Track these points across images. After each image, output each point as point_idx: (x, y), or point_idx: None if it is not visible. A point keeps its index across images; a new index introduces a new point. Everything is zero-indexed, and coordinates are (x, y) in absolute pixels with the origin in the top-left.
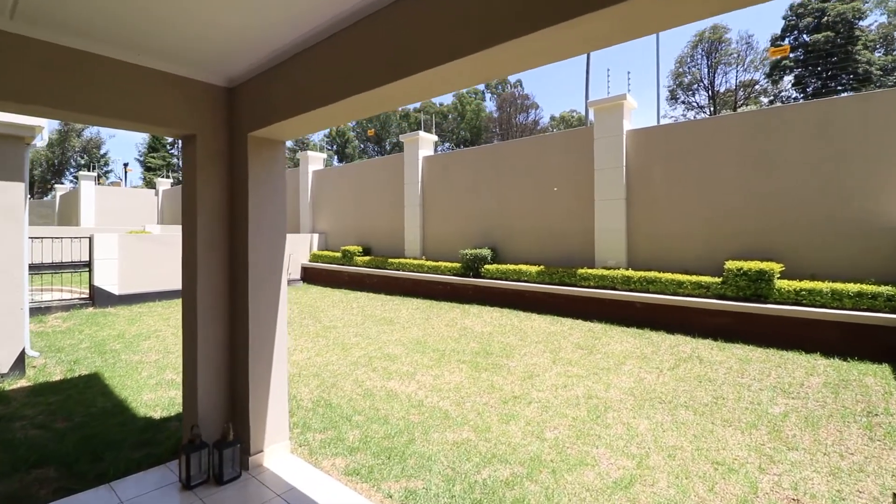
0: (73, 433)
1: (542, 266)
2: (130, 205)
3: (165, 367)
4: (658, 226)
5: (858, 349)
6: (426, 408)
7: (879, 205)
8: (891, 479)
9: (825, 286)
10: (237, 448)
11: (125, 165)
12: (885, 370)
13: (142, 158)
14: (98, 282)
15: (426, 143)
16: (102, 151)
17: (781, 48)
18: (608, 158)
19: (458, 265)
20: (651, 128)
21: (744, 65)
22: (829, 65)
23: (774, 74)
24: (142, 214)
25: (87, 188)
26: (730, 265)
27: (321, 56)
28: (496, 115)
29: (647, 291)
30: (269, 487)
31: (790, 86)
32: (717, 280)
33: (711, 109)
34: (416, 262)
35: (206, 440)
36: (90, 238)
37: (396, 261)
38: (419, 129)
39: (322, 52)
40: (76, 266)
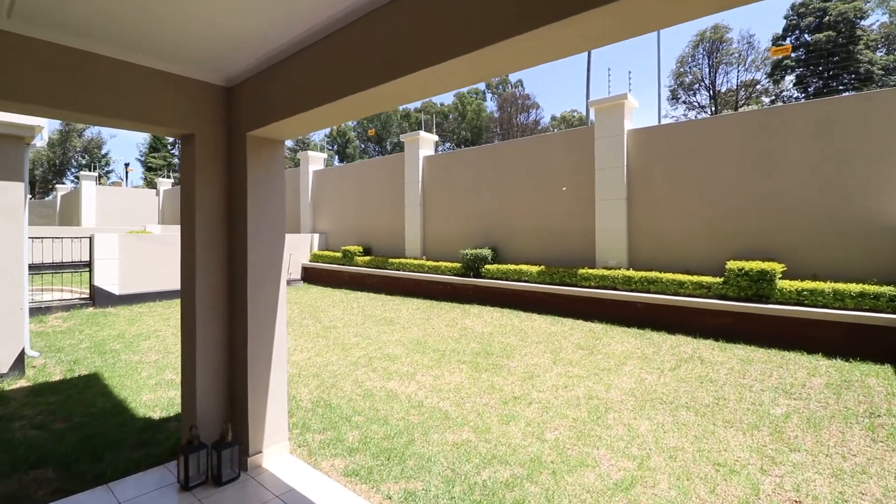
0: (72, 433)
1: (543, 266)
2: (131, 205)
3: (165, 368)
4: (659, 226)
5: (861, 350)
6: (426, 408)
7: (881, 204)
8: (894, 481)
9: (827, 286)
10: (236, 449)
11: (126, 165)
12: (888, 371)
13: (143, 158)
14: (98, 282)
15: (427, 143)
16: (103, 151)
17: (783, 48)
18: (609, 158)
19: (459, 265)
20: (652, 127)
21: (745, 64)
22: (831, 64)
23: (776, 74)
24: (143, 214)
25: (88, 188)
26: (731, 265)
27: (318, 55)
28: (497, 115)
29: (648, 291)
30: (268, 488)
31: (791, 85)
32: (719, 280)
33: (712, 109)
34: (417, 262)
35: (205, 441)
36: (90, 238)
37: (397, 261)
38: (420, 129)
39: (319, 52)
40: (76, 266)
